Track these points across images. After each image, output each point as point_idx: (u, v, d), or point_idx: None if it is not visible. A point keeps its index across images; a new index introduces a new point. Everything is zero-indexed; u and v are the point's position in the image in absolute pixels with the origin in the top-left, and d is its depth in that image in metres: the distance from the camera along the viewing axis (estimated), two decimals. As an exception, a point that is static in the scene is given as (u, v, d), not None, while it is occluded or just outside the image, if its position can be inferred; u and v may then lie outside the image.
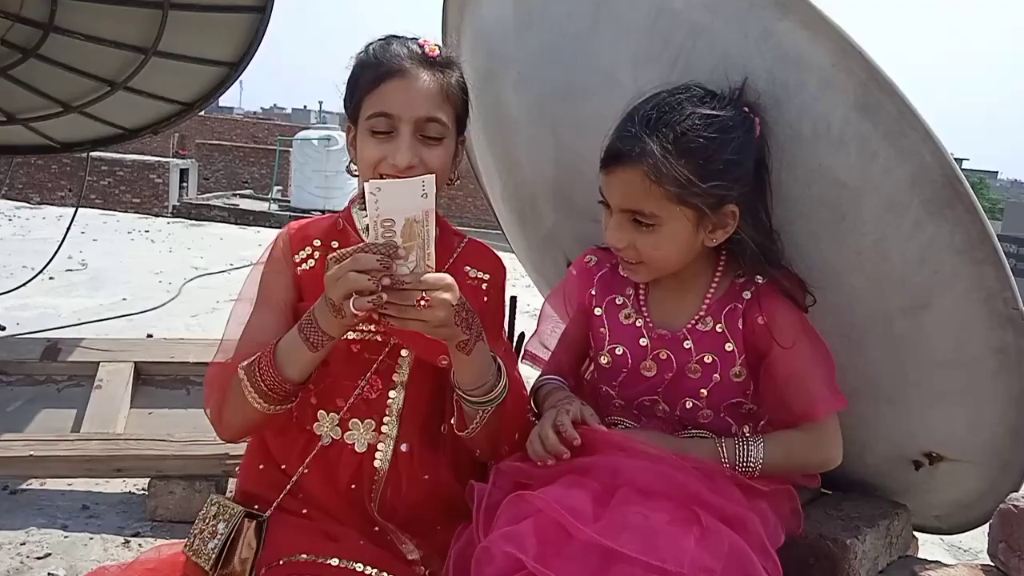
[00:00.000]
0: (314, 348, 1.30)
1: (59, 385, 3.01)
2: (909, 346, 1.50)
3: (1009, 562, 1.48)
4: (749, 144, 1.37)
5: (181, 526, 2.38)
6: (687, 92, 1.38)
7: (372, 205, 1.19)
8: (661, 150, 1.32)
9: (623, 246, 1.42)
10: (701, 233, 1.40)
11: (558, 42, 1.68)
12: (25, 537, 2.33)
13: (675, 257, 1.42)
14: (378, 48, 1.43)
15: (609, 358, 1.54)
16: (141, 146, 18.79)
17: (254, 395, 1.34)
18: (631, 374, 1.52)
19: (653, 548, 1.21)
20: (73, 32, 3.50)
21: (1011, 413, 1.52)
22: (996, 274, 1.38)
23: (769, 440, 1.43)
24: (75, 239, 5.68)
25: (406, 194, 1.19)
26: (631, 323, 1.53)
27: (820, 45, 1.33)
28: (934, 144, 1.31)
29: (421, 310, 1.21)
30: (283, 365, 1.33)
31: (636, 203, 1.37)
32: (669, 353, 1.49)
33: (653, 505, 1.29)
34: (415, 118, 1.38)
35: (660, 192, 1.34)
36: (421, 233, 1.21)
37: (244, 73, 3.77)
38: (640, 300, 1.55)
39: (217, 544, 1.36)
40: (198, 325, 4.70)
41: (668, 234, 1.38)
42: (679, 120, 1.34)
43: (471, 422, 1.39)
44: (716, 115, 1.34)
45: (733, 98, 1.38)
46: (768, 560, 1.32)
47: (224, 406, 1.40)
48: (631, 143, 1.35)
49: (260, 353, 1.35)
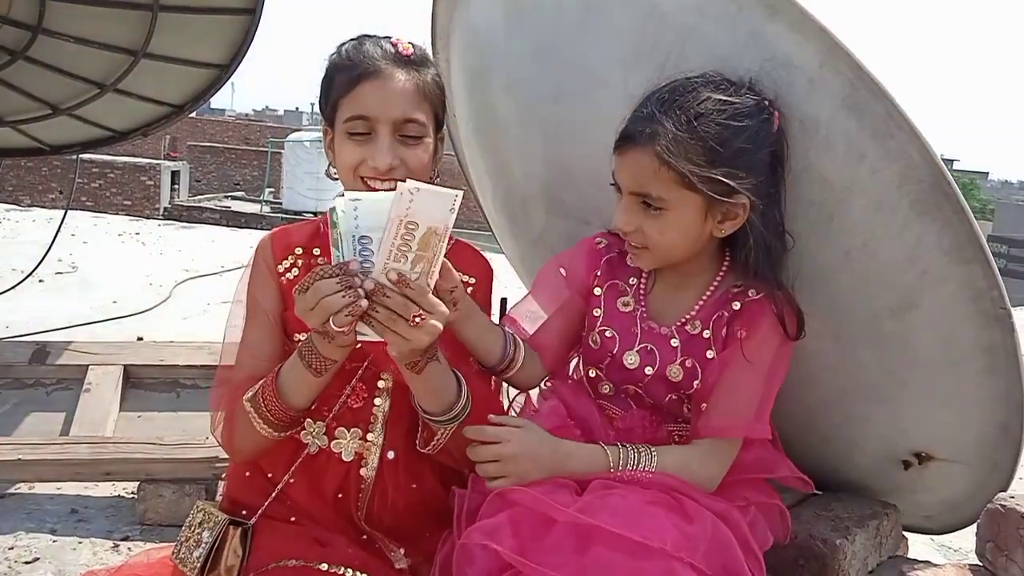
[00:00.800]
0: (318, 373, 1.28)
1: (48, 389, 2.99)
2: (898, 346, 1.50)
3: (996, 562, 1.49)
4: (765, 134, 1.34)
5: (171, 530, 2.36)
6: (704, 78, 1.36)
7: (350, 218, 1.14)
8: (673, 132, 1.30)
9: (630, 229, 1.40)
10: (710, 222, 1.38)
11: (547, 44, 1.68)
12: (13, 541, 2.32)
13: (681, 244, 1.40)
14: (351, 49, 1.41)
15: (598, 339, 1.53)
16: (132, 148, 18.75)
17: (262, 424, 1.33)
18: (614, 361, 1.51)
19: (634, 525, 1.21)
20: (62, 34, 3.48)
21: (999, 412, 1.53)
22: (984, 273, 1.39)
23: (664, 453, 1.40)
24: (65, 242, 5.66)
25: (438, 204, 1.15)
26: (628, 311, 1.52)
27: (808, 46, 1.33)
28: (921, 144, 1.32)
29: (409, 327, 1.17)
30: (287, 394, 1.32)
31: (645, 186, 1.35)
32: (654, 347, 1.48)
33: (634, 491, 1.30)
34: (393, 119, 1.37)
35: (669, 176, 1.32)
36: (435, 247, 1.17)
37: (236, 75, 3.76)
38: (641, 291, 1.54)
39: (202, 553, 1.36)
40: (189, 328, 4.68)
41: (675, 220, 1.36)
42: (694, 103, 1.32)
43: (433, 438, 1.38)
44: (732, 101, 1.32)
45: (751, 87, 1.36)
46: (751, 556, 1.32)
47: (234, 435, 1.39)
48: (644, 124, 1.33)
49: (263, 384, 1.33)
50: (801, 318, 1.42)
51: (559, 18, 1.64)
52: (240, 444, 1.40)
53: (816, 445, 1.71)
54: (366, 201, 1.15)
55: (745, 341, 1.40)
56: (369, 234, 1.15)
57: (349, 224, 1.15)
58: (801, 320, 1.42)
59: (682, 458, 1.40)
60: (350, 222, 1.15)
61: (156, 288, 5.75)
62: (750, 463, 1.48)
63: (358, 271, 1.15)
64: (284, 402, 1.31)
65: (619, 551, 1.19)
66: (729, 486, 1.42)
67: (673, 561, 1.19)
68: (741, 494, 1.44)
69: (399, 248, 1.15)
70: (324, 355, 1.25)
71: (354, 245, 1.15)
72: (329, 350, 1.24)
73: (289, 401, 1.32)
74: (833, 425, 1.69)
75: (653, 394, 1.50)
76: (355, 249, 1.16)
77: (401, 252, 1.16)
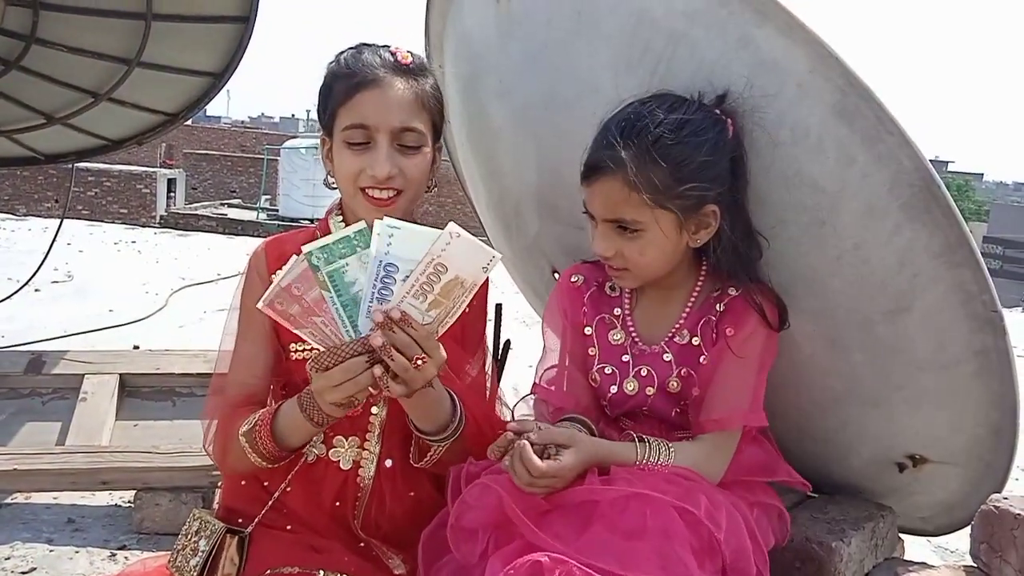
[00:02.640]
0: (319, 425, 1.28)
1: (43, 398, 2.98)
2: (891, 349, 1.50)
3: (991, 563, 1.49)
4: (723, 143, 1.38)
5: (168, 538, 2.36)
6: (658, 100, 1.40)
7: (384, 242, 1.13)
8: (636, 158, 1.34)
9: (611, 254, 1.44)
10: (685, 235, 1.42)
11: (539, 50, 1.68)
12: (10, 552, 2.31)
13: (662, 260, 1.44)
14: (350, 57, 1.40)
15: (598, 377, 1.56)
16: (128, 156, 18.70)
17: (256, 458, 1.34)
18: (617, 395, 1.54)
19: (666, 491, 1.28)
20: (55, 44, 3.49)
21: (992, 415, 1.53)
22: (974, 277, 1.39)
23: (677, 448, 1.43)
24: (61, 250, 5.65)
25: (473, 257, 1.13)
26: (619, 343, 1.55)
27: (797, 51, 1.34)
28: (911, 149, 1.32)
29: (411, 368, 1.17)
30: (284, 438, 1.32)
31: (618, 212, 1.39)
32: (650, 369, 1.52)
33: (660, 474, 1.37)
34: (392, 128, 1.36)
35: (640, 199, 1.36)
36: (457, 299, 1.16)
37: (231, 82, 3.77)
38: (627, 318, 1.56)
39: (199, 561, 1.36)
40: (185, 336, 4.68)
41: (653, 239, 1.40)
42: (651, 127, 1.35)
43: (427, 454, 1.39)
44: (687, 119, 1.36)
45: (702, 101, 1.40)
46: (757, 550, 1.35)
47: (227, 457, 1.40)
48: (607, 154, 1.37)
49: (259, 422, 1.33)
50: (783, 309, 1.46)
51: (551, 25, 1.64)
52: (233, 466, 1.41)
53: (811, 448, 1.72)
54: (405, 230, 1.14)
55: (733, 337, 1.44)
56: (396, 263, 1.14)
57: (381, 248, 1.14)
58: (783, 311, 1.46)
59: (692, 453, 1.43)
60: (382, 246, 1.14)
61: (152, 296, 5.75)
62: (750, 466, 1.50)
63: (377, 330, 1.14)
64: (280, 444, 1.32)
65: (617, 533, 1.23)
66: (730, 487, 1.44)
67: (670, 542, 1.22)
68: (743, 494, 1.45)
69: (422, 286, 1.14)
70: (327, 413, 1.25)
71: (379, 270, 1.14)
72: (336, 412, 1.24)
73: (285, 443, 1.32)
74: (827, 428, 1.69)
75: (659, 411, 1.53)
76: (378, 274, 1.14)
77: (422, 290, 1.14)
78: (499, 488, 1.29)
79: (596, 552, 1.20)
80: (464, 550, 1.31)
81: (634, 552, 1.21)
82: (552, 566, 1.17)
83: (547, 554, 1.19)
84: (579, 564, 1.17)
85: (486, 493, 1.31)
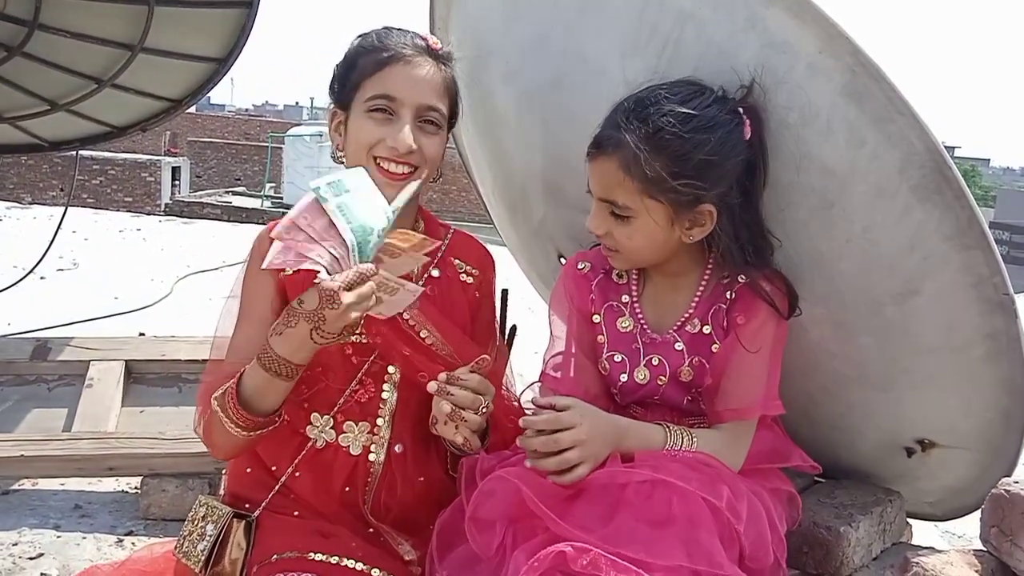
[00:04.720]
0: (289, 378, 1.26)
1: (50, 385, 2.98)
2: (900, 333, 1.49)
3: (1001, 547, 1.48)
4: (733, 144, 1.35)
5: (174, 524, 2.36)
6: (675, 88, 1.38)
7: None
8: (634, 144, 1.33)
9: (601, 233, 1.44)
10: (677, 229, 1.40)
11: (545, 33, 1.67)
12: (17, 537, 2.32)
13: (651, 248, 1.43)
14: (381, 34, 1.43)
15: (608, 365, 1.54)
16: (132, 144, 18.71)
17: (233, 427, 1.30)
18: (627, 383, 1.53)
19: (688, 481, 1.28)
20: (58, 29, 3.46)
21: (1002, 399, 1.52)
22: (985, 259, 1.38)
23: (701, 437, 1.43)
24: (66, 238, 5.67)
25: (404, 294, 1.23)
26: (628, 331, 1.53)
27: (807, 31, 1.32)
28: (922, 129, 1.31)
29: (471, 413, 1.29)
30: (254, 403, 1.29)
31: (611, 194, 1.39)
32: (661, 358, 1.50)
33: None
34: (417, 104, 1.38)
35: (633, 186, 1.35)
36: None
37: (235, 70, 3.75)
38: (636, 305, 1.55)
39: (206, 546, 1.35)
40: (190, 323, 4.68)
41: (641, 227, 1.39)
42: (655, 116, 1.33)
43: (458, 465, 1.44)
44: (695, 114, 1.33)
45: (720, 96, 1.37)
46: (776, 538, 1.36)
47: (211, 431, 1.36)
48: (611, 133, 1.36)
49: (229, 386, 1.30)
50: (794, 296, 1.45)
51: (557, 6, 1.63)
52: (218, 441, 1.36)
53: (819, 432, 1.71)
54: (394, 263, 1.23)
55: (744, 327, 1.43)
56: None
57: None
58: (794, 299, 1.45)
59: (714, 441, 1.42)
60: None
61: (157, 284, 5.76)
62: (764, 452, 1.50)
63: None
64: (247, 406, 1.29)
65: (642, 521, 1.22)
66: (746, 473, 1.44)
67: (696, 530, 1.22)
68: (761, 481, 1.45)
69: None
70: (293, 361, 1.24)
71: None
72: (300, 354, 1.24)
73: (253, 405, 1.29)
74: (836, 413, 1.68)
75: (671, 400, 1.52)
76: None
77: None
78: (517, 480, 1.28)
79: (622, 540, 1.20)
80: (480, 541, 1.29)
81: (660, 540, 1.21)
82: (576, 556, 1.16)
83: (571, 544, 1.18)
84: (603, 552, 1.17)
85: (503, 485, 1.30)
